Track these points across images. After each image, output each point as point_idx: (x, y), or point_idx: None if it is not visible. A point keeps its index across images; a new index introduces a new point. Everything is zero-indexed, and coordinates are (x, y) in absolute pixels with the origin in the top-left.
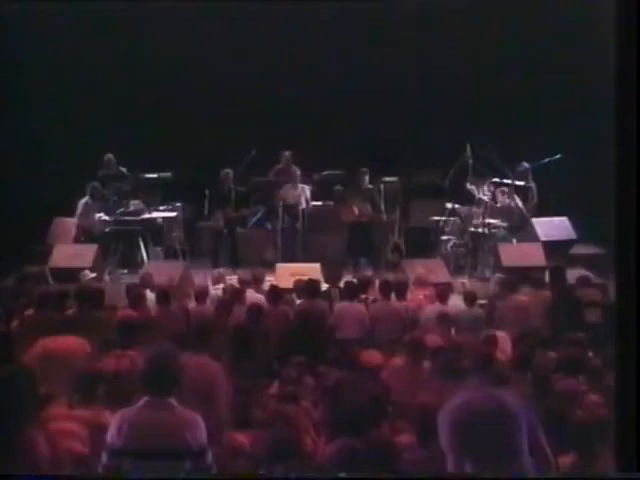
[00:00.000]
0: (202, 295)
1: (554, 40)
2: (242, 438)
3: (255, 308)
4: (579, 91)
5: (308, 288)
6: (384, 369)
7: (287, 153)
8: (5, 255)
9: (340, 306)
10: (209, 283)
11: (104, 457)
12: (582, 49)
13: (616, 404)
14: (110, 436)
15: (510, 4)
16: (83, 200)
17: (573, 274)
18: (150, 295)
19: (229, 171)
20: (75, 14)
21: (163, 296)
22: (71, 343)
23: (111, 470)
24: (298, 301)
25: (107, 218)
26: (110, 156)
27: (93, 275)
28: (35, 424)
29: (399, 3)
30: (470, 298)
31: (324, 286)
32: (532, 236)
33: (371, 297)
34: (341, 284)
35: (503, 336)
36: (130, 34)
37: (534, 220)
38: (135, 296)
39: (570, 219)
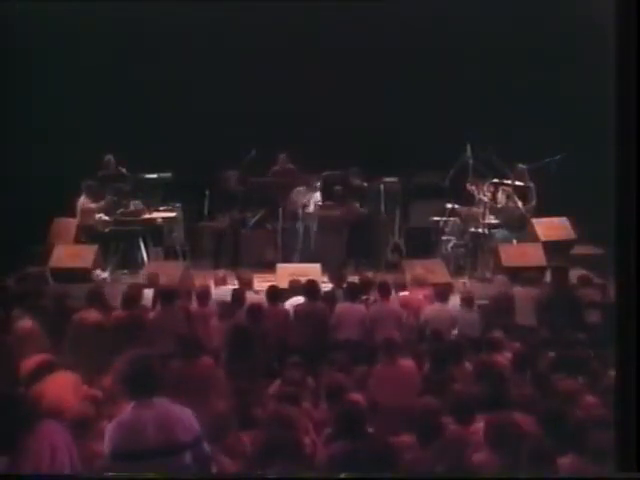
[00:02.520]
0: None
1: (554, 39)
2: (241, 438)
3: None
4: (579, 91)
5: (306, 289)
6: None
7: (282, 155)
8: (5, 255)
9: (339, 307)
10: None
11: (105, 465)
12: (582, 49)
13: (616, 404)
14: (108, 445)
15: (511, 4)
16: (80, 200)
17: (573, 274)
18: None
19: (233, 172)
20: (75, 13)
21: (166, 296)
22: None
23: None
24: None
25: (107, 218)
26: (110, 157)
27: (105, 275)
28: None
29: (400, 3)
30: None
31: (326, 286)
32: (532, 236)
33: (372, 298)
34: (343, 285)
35: None
36: (131, 34)
37: (534, 220)
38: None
39: (570, 219)
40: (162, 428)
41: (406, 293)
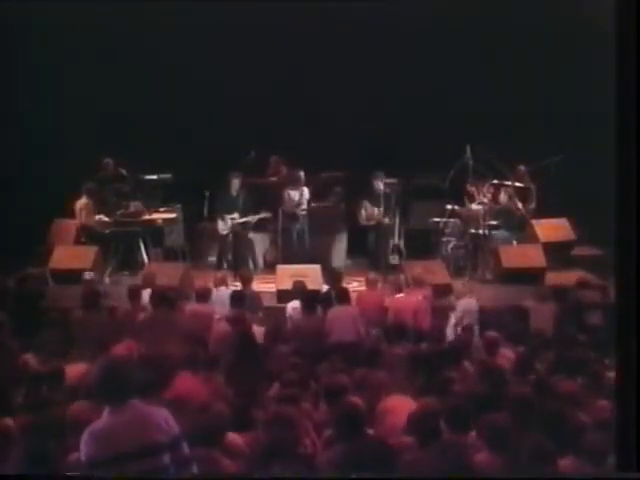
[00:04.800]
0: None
1: (554, 39)
2: (241, 440)
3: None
4: (579, 91)
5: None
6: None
7: (274, 157)
8: (5, 256)
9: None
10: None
11: (85, 473)
12: (582, 48)
13: (616, 405)
14: (84, 454)
15: (510, 4)
16: (80, 201)
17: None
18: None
19: (237, 174)
20: (75, 14)
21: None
22: None
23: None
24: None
25: (107, 219)
26: (109, 160)
27: (92, 275)
28: None
29: (400, 4)
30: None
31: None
32: (532, 237)
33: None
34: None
35: None
36: (131, 36)
37: (534, 221)
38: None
39: (570, 220)
40: (137, 431)
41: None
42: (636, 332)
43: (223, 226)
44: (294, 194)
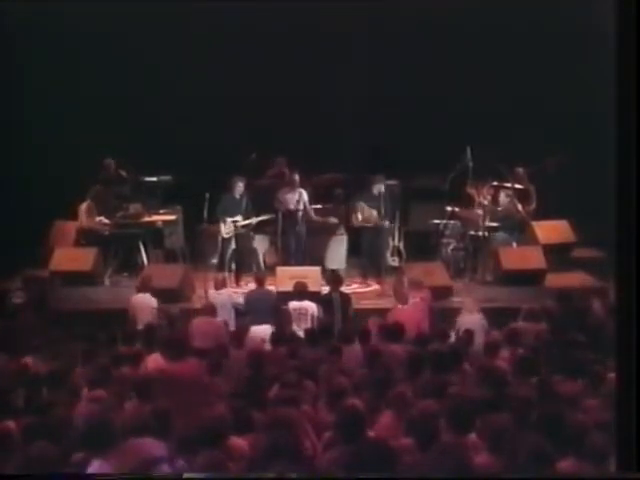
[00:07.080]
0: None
1: (554, 40)
2: (242, 442)
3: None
4: (579, 91)
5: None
6: None
7: (279, 158)
8: (5, 258)
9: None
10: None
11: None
12: (582, 49)
13: (616, 405)
14: None
15: (511, 4)
16: (85, 204)
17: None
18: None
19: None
20: (75, 15)
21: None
22: None
23: None
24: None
25: (107, 221)
26: (110, 160)
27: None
28: None
29: (399, 4)
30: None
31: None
32: (532, 239)
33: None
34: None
35: None
36: (131, 37)
37: (534, 223)
38: None
39: (570, 222)
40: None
41: None
42: (636, 333)
43: (226, 229)
44: (291, 196)
